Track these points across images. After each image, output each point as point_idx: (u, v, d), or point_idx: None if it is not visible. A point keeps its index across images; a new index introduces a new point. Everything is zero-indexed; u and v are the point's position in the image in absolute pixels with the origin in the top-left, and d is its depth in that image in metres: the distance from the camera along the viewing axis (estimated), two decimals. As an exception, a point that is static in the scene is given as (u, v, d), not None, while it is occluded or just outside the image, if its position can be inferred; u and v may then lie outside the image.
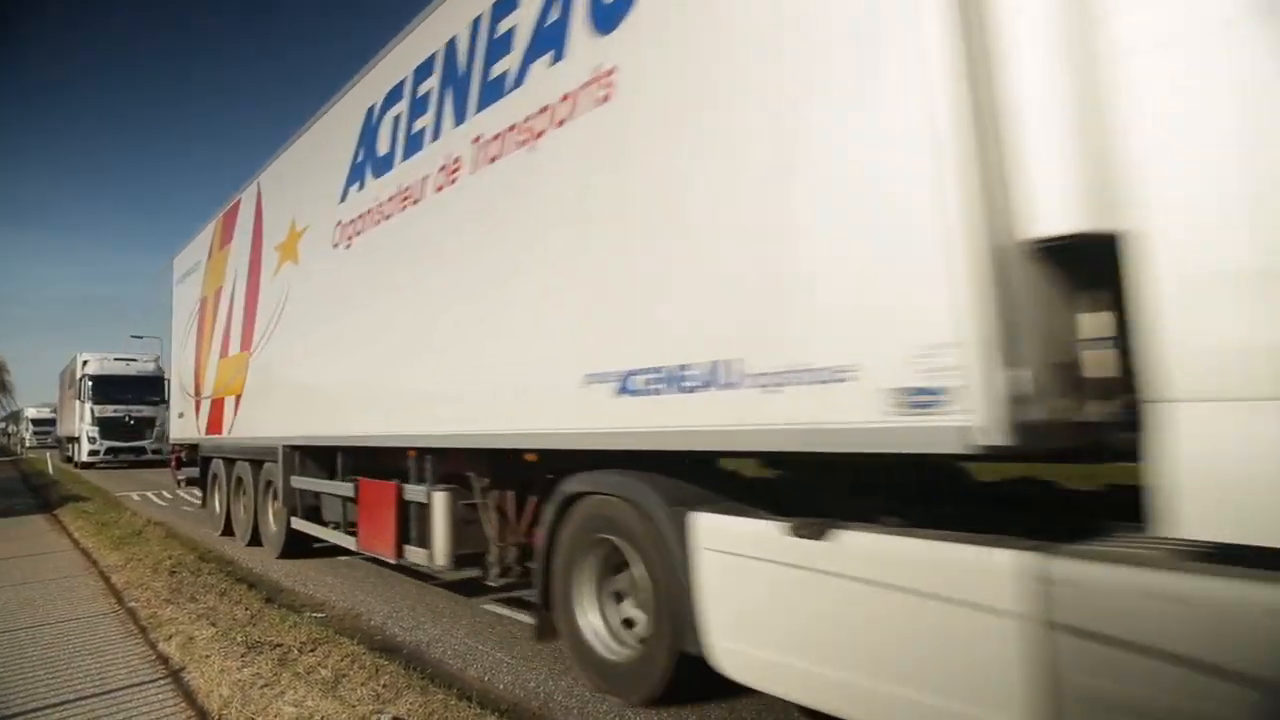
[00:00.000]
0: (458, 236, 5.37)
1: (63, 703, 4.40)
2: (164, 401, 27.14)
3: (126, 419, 30.08)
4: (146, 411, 30.43)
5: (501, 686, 4.73)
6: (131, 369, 31.70)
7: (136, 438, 30.21)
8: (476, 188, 5.17)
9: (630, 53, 3.98)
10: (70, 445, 33.37)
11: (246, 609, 6.24)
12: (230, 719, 4.08)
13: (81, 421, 30.09)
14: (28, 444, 56.85)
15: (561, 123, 4.40)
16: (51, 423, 60.99)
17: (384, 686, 4.35)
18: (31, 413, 62.37)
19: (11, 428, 68.79)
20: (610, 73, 4.07)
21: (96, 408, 29.83)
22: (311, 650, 5.08)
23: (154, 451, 29.64)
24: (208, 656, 4.99)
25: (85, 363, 30.87)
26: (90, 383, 30.24)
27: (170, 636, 5.54)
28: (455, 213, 5.42)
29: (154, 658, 5.22)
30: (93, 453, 29.67)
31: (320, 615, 6.45)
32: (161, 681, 4.73)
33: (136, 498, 18.02)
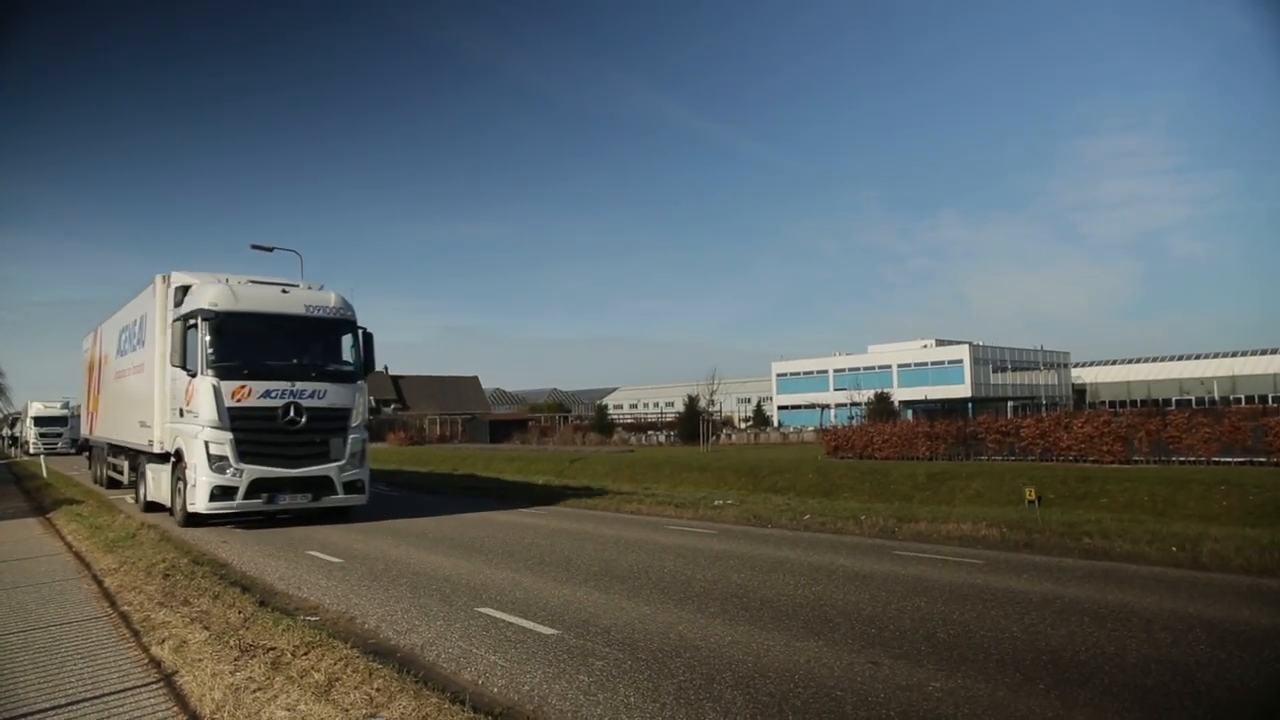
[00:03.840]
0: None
1: (54, 707, 4.38)
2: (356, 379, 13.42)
3: (291, 410, 12.82)
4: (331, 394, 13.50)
5: (495, 690, 4.73)
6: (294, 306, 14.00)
7: (313, 458, 13.09)
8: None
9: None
10: (121, 465, 18.33)
11: (240, 612, 6.22)
12: (222, 723, 4.07)
13: (190, 414, 12.95)
14: (32, 449, 47.18)
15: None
16: (63, 421, 51.62)
17: (377, 690, 4.34)
18: (37, 409, 51.91)
19: (6, 431, 63.67)
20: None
21: (224, 385, 12.56)
22: (305, 654, 5.07)
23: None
24: (200, 660, 4.97)
25: (184, 289, 13.67)
26: (214, 322, 12.77)
27: (163, 640, 5.53)
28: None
29: (146, 661, 5.21)
30: (221, 494, 12.47)
31: (314, 619, 6.43)
32: (154, 685, 4.72)
33: (130, 501, 17.97)
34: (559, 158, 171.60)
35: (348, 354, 13.84)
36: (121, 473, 18.54)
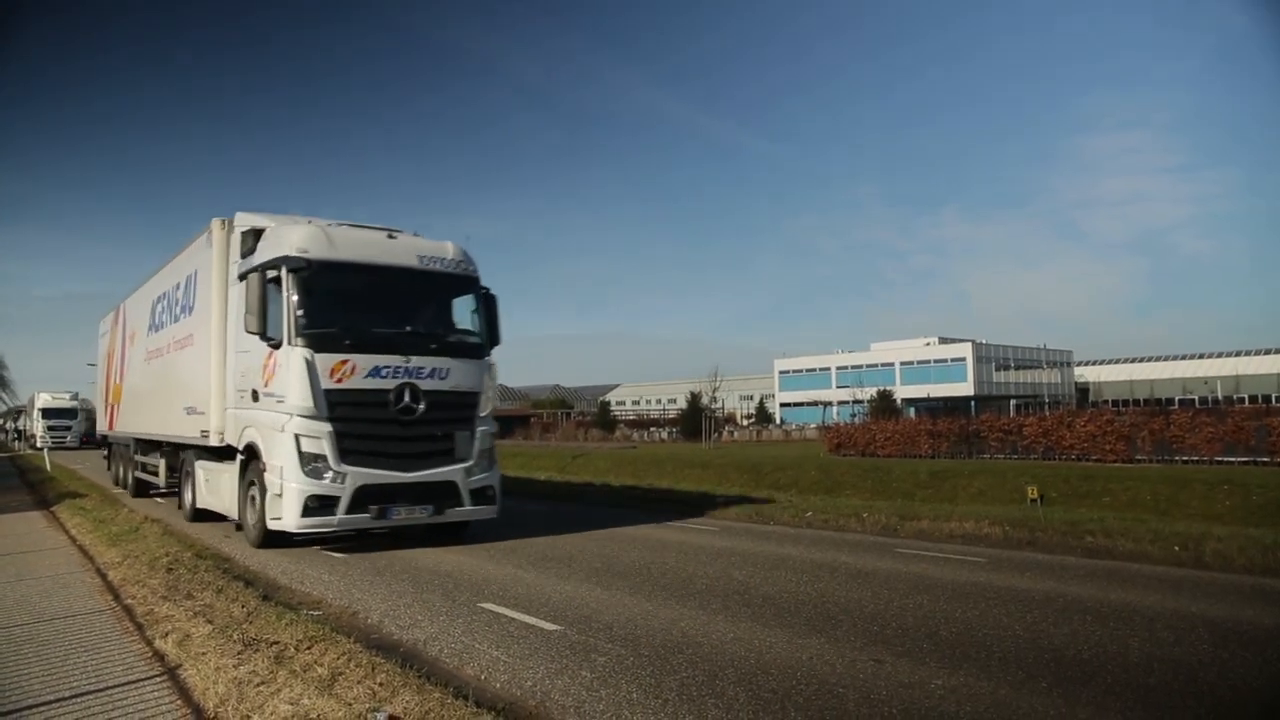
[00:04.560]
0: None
1: (59, 699, 4.39)
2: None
3: (406, 394, 9.60)
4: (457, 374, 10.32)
5: (498, 685, 4.74)
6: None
7: (434, 458, 9.93)
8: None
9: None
10: (156, 465, 14.78)
11: (243, 606, 6.24)
12: (226, 717, 4.08)
13: (270, 397, 9.83)
14: (39, 443, 43.61)
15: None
16: (73, 414, 49.43)
17: (380, 684, 4.35)
18: (45, 400, 49.14)
19: (10, 424, 63.20)
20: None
21: (321, 359, 9.34)
22: (308, 648, 5.08)
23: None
24: (204, 654, 4.99)
25: (254, 234, 10.45)
26: (304, 274, 9.52)
27: (167, 634, 5.55)
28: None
29: (150, 655, 5.22)
30: (318, 506, 9.19)
31: (317, 613, 6.45)
32: (158, 679, 4.73)
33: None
34: (560, 155, 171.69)
35: (470, 321, 10.69)
36: (156, 473, 14.82)
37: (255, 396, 9.83)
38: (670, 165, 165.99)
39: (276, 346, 9.39)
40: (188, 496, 12.83)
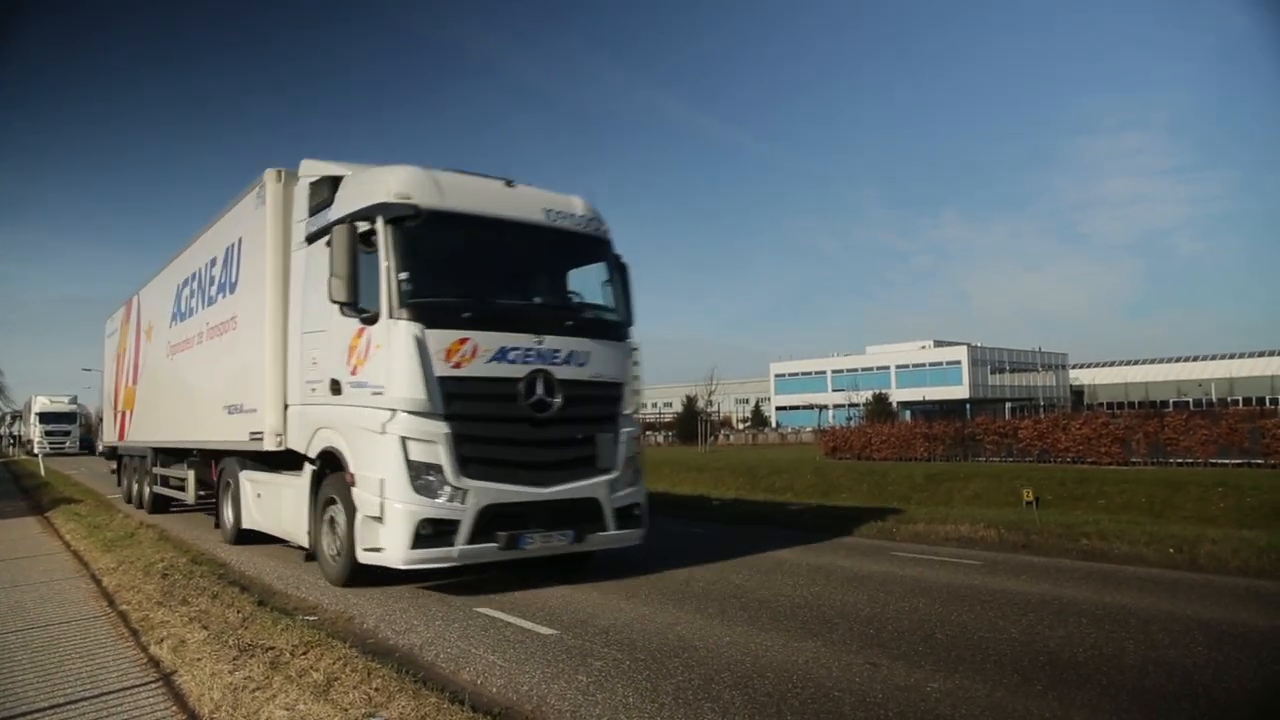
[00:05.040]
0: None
1: (53, 706, 4.37)
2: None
3: (539, 385, 7.48)
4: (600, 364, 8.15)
5: (494, 690, 4.73)
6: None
7: (572, 467, 7.75)
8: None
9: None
10: (183, 477, 12.90)
11: (239, 612, 6.22)
12: (221, 722, 4.07)
13: (361, 387, 7.51)
14: (36, 449, 42.16)
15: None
16: (71, 418, 48.16)
17: (376, 690, 4.34)
18: (42, 404, 47.44)
19: (5, 429, 61.71)
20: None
21: (433, 336, 7.13)
22: (304, 653, 5.06)
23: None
24: (199, 660, 4.97)
25: (330, 183, 8.37)
26: (410, 226, 7.36)
27: (162, 640, 5.53)
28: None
29: (145, 661, 5.21)
30: (433, 534, 6.94)
31: (313, 618, 6.43)
32: (153, 685, 4.71)
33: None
34: (558, 155, 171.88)
35: (600, 294, 8.49)
36: (183, 487, 12.78)
37: (335, 388, 7.73)
38: (669, 166, 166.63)
39: (371, 321, 7.25)
40: (228, 514, 10.79)
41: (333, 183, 8.22)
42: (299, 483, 8.50)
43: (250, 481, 10.06)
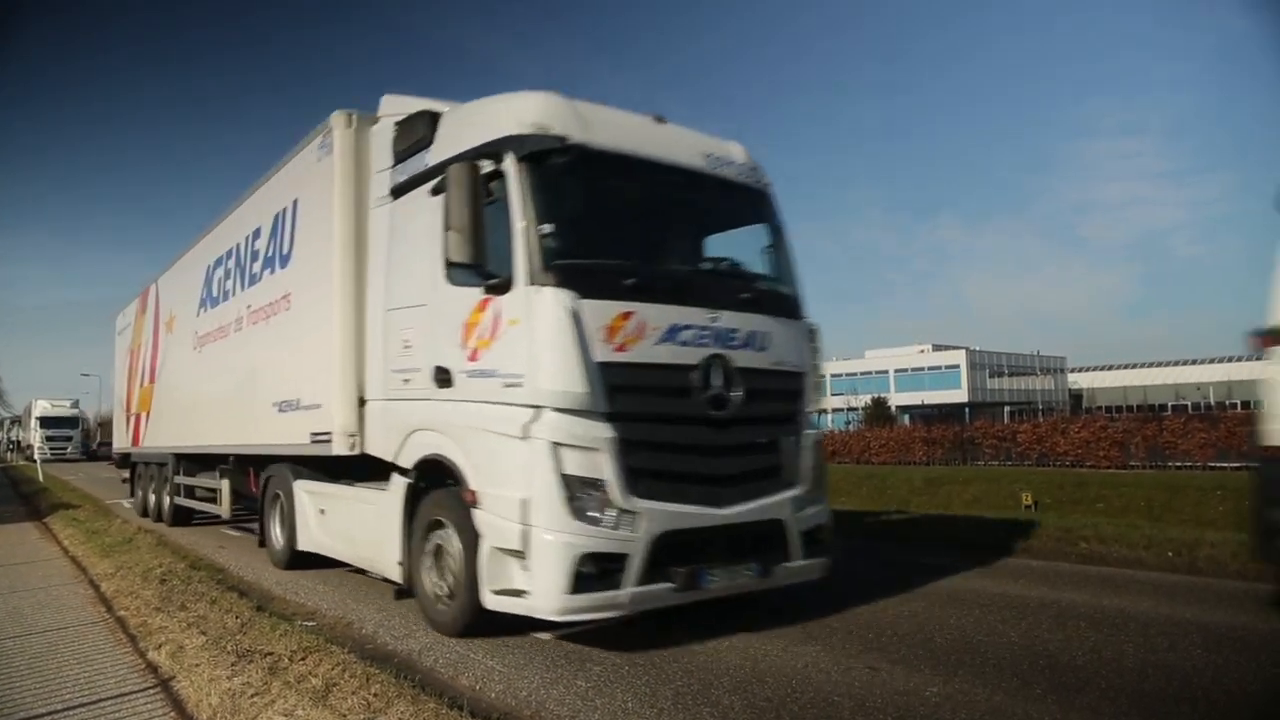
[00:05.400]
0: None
1: (50, 713, 4.37)
2: None
3: (718, 375, 5.88)
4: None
5: (493, 695, 4.73)
6: None
7: (754, 480, 6.05)
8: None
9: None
10: (216, 488, 11.47)
11: (237, 617, 6.21)
12: (220, 728, 4.06)
13: (483, 375, 5.77)
14: (36, 454, 39.85)
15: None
16: (73, 423, 46.98)
17: (375, 695, 4.34)
18: (43, 408, 46.05)
19: (2, 435, 61.68)
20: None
21: (590, 308, 5.44)
22: (302, 659, 5.06)
23: None
24: (197, 665, 4.96)
25: (426, 121, 6.73)
26: (555, 165, 5.70)
27: (160, 645, 5.52)
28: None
29: (143, 667, 5.20)
30: (597, 572, 5.25)
31: (311, 623, 6.42)
32: (151, 691, 4.70)
33: (127, 505, 17.89)
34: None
35: (760, 262, 6.86)
36: (214, 499, 11.52)
37: (443, 379, 6.01)
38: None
39: (501, 290, 5.52)
40: (276, 532, 9.24)
41: (430, 119, 6.63)
42: (385, 499, 6.66)
43: (309, 494, 8.43)
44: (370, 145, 7.52)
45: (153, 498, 14.65)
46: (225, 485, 10.86)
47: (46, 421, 46.08)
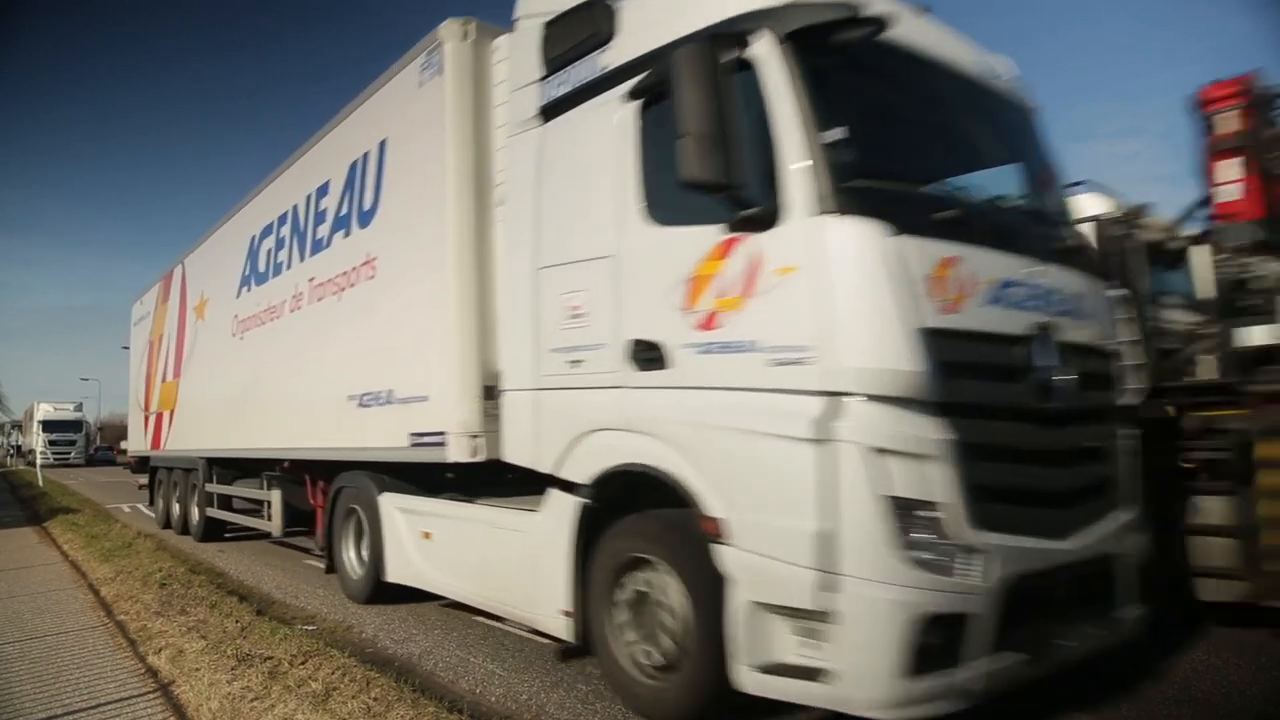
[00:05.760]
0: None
1: (51, 717, 4.37)
2: None
3: (1047, 351, 4.18)
4: None
5: (493, 699, 4.72)
6: None
7: (1088, 500, 4.47)
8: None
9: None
10: (266, 500, 9.63)
11: (237, 621, 6.21)
12: (220, 733, 4.06)
13: (730, 349, 3.90)
14: (38, 459, 37.89)
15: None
16: (77, 427, 46.36)
17: (375, 700, 4.34)
18: (45, 412, 45.06)
19: (2, 439, 61.63)
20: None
21: (913, 251, 3.70)
22: (302, 663, 5.06)
23: None
24: (197, 669, 4.97)
25: (602, 9, 4.83)
26: (863, 56, 4.03)
27: (160, 649, 5.52)
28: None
29: (143, 671, 5.19)
30: (940, 644, 3.50)
31: (311, 628, 6.42)
32: (151, 695, 4.70)
33: (127, 510, 17.90)
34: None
35: (1052, 204, 5.07)
36: (261, 512, 9.87)
37: (649, 357, 4.24)
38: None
39: (759, 223, 3.77)
40: (350, 556, 7.56)
41: (605, 8, 4.73)
42: (541, 524, 4.95)
43: (403, 513, 6.68)
44: (491, 62, 5.91)
45: (177, 507, 12.83)
46: (277, 496, 9.19)
47: (49, 425, 45.25)
